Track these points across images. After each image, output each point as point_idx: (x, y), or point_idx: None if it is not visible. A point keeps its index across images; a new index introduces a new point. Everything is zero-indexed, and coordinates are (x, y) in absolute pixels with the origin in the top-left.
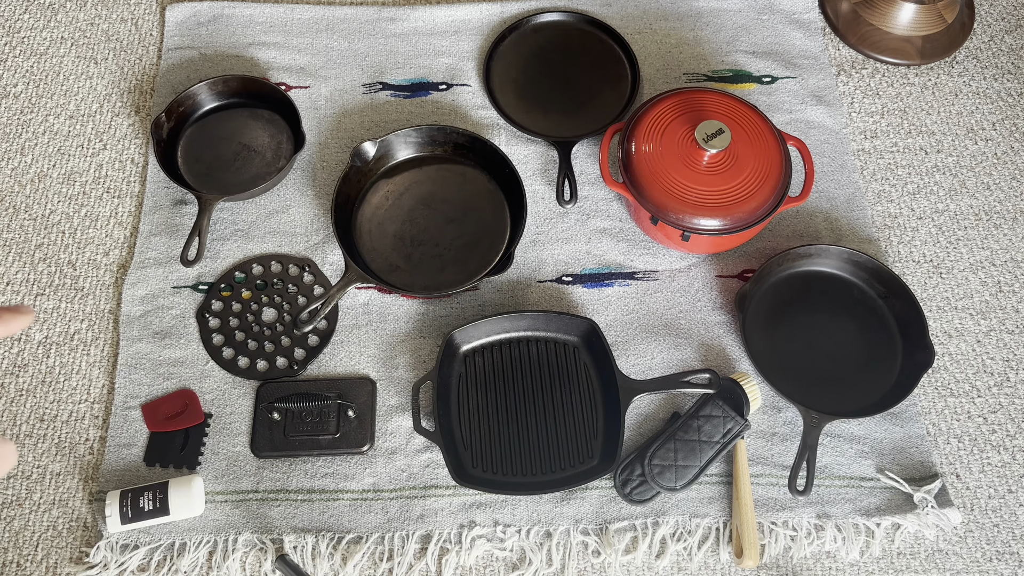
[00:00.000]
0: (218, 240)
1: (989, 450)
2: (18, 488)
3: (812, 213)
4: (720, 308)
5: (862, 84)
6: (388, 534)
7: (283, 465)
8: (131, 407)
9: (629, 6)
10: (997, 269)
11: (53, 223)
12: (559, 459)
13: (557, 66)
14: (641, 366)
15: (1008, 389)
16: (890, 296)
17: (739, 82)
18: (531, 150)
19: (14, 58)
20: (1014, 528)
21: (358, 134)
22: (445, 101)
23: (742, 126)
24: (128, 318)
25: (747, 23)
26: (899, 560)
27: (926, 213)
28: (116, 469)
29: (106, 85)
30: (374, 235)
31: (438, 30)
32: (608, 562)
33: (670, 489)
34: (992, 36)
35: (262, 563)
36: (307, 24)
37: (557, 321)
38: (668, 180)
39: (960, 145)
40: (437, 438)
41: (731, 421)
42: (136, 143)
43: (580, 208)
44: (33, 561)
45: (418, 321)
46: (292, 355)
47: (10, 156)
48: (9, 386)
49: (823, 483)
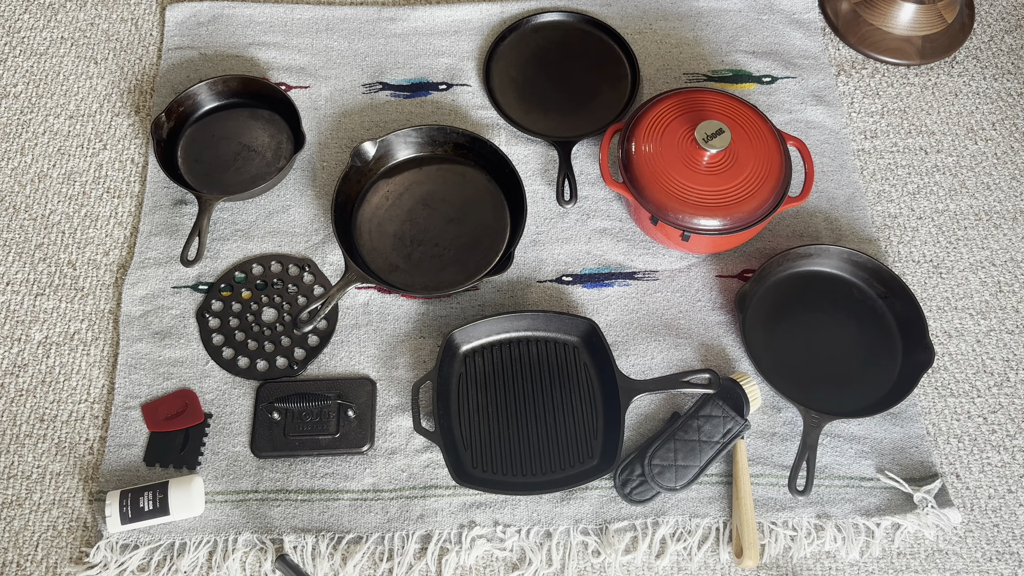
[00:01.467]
0: (218, 240)
1: (989, 450)
2: (18, 488)
3: (812, 213)
4: (720, 308)
5: (862, 84)
6: (388, 534)
7: (283, 465)
8: (131, 407)
9: (629, 6)
10: (997, 269)
11: (53, 223)
12: (559, 459)
13: (557, 66)
14: (641, 366)
15: (1008, 389)
16: (890, 296)
17: (739, 82)
18: (531, 150)
19: (14, 58)
20: (1014, 528)
21: (358, 134)
22: (445, 101)
23: (742, 126)
24: (128, 318)
25: (747, 23)
26: (899, 560)
27: (926, 213)
28: (116, 469)
29: (106, 85)
30: (374, 235)
31: (438, 30)
32: (608, 562)
33: (670, 489)
34: (992, 36)
35: (262, 563)
36: (307, 24)
37: (557, 321)
38: (668, 180)
39: (960, 145)
40: (437, 438)
41: (731, 421)
42: (136, 143)
43: (580, 208)
44: (33, 561)
45: (418, 321)
46: (292, 355)
47: (10, 156)
48: (9, 386)
49: (823, 483)
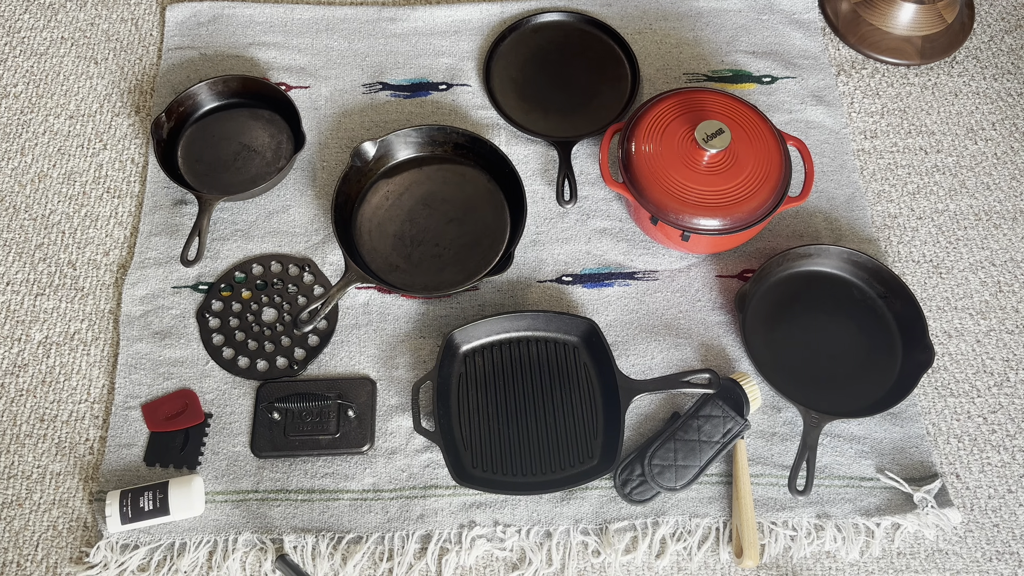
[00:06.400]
0: (218, 240)
1: (989, 450)
2: (18, 488)
3: (812, 213)
4: (720, 308)
5: (862, 84)
6: (388, 534)
7: (283, 465)
8: (131, 407)
9: (629, 6)
10: (997, 269)
11: (53, 223)
12: (559, 459)
13: (557, 66)
14: (641, 366)
15: (1008, 389)
16: (890, 296)
17: (739, 82)
18: (531, 150)
19: (14, 58)
20: (1014, 528)
21: (358, 134)
22: (445, 101)
23: (742, 126)
24: (128, 318)
25: (747, 23)
26: (899, 560)
27: (926, 213)
28: (116, 469)
29: (106, 85)
30: (374, 235)
31: (438, 30)
32: (608, 562)
33: (670, 489)
34: (992, 36)
35: (262, 563)
36: (307, 24)
37: (557, 321)
38: (668, 180)
39: (960, 145)
40: (437, 438)
41: (731, 421)
42: (136, 143)
43: (580, 208)
44: (33, 561)
45: (418, 321)
46: (292, 355)
47: (10, 156)
48: (9, 386)
49: (823, 483)
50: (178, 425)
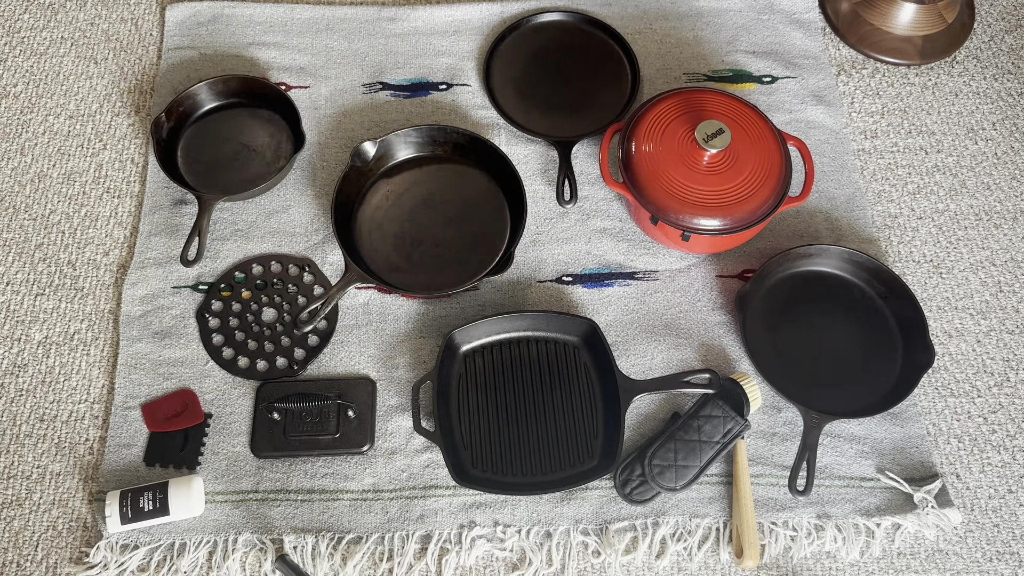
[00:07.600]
0: (218, 240)
1: (989, 450)
2: (18, 488)
3: (812, 213)
4: (720, 308)
5: (862, 84)
6: (388, 534)
7: (283, 465)
8: (131, 407)
9: (629, 6)
10: (997, 269)
11: (53, 223)
12: (559, 459)
13: (557, 66)
14: (641, 366)
15: (1008, 389)
16: (890, 296)
17: (739, 82)
18: (531, 150)
19: (14, 58)
20: (1014, 528)
21: (358, 134)
22: (445, 101)
23: (742, 126)
24: (128, 318)
25: (747, 23)
26: (899, 560)
27: (926, 213)
28: (116, 469)
29: (106, 85)
30: (374, 235)
31: (438, 30)
32: (608, 562)
33: (670, 489)
34: (992, 36)
35: (262, 563)
36: (307, 24)
37: (557, 321)
38: (668, 180)
39: (960, 145)
40: (437, 438)
41: (731, 421)
42: (136, 143)
43: (580, 208)
44: (33, 561)
45: (418, 321)
46: (292, 355)
47: (10, 156)
48: (9, 386)
49: (823, 483)
50: (178, 425)
